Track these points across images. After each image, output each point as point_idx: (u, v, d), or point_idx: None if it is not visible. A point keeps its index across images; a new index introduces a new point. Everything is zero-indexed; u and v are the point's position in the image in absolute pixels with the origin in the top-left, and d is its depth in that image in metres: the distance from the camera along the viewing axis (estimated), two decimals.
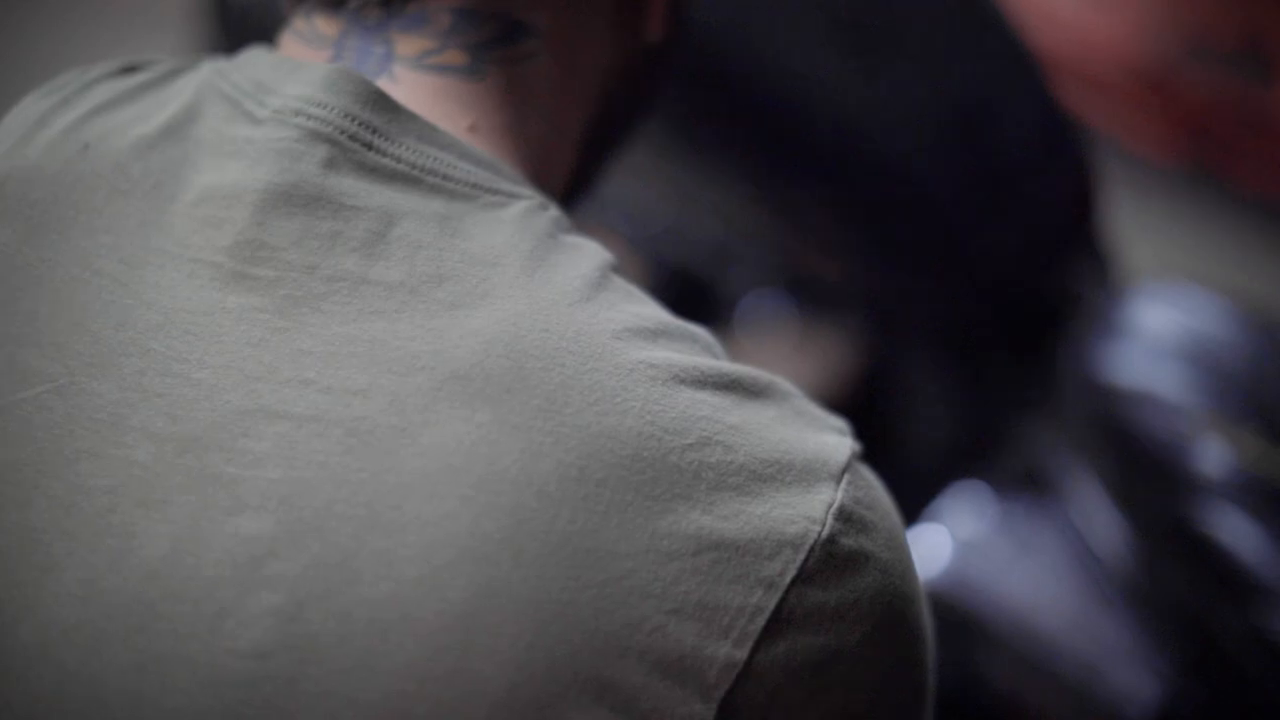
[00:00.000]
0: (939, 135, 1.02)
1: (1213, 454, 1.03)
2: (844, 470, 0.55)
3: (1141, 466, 1.04)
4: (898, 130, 1.02)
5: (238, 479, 0.51)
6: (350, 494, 0.51)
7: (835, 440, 0.56)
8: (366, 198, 0.56)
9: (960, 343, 1.19)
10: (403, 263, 0.55)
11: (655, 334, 0.55)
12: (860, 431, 0.60)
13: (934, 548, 1.21)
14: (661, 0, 0.66)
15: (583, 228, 0.61)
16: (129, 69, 0.63)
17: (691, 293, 1.35)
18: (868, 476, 0.57)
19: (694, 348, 0.56)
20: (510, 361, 0.52)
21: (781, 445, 0.54)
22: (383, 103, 0.57)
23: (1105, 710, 1.12)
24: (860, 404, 1.23)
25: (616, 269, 0.58)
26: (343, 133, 0.57)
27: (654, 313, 0.57)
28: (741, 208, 1.16)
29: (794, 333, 1.31)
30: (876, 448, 1.20)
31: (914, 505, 1.38)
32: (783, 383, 0.57)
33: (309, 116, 0.57)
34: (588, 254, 0.57)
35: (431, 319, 0.54)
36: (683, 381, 0.54)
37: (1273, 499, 1.00)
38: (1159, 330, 1.09)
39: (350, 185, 0.56)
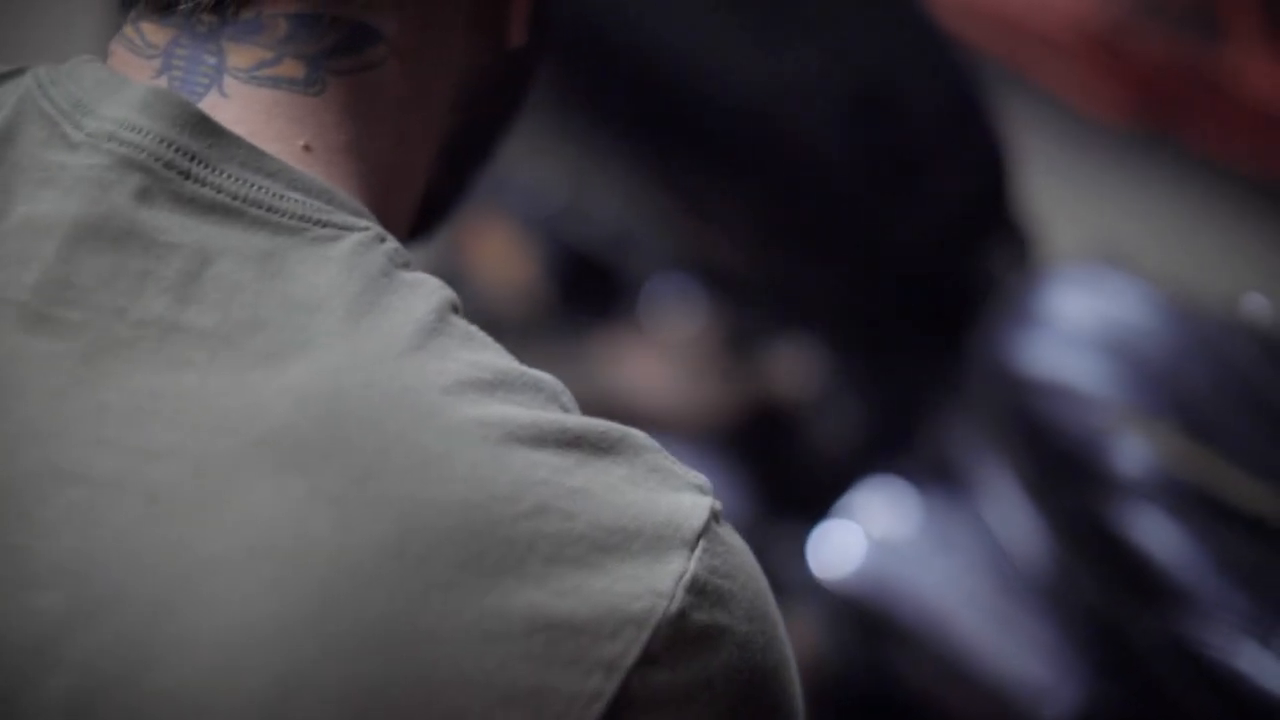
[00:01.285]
0: (842, 114, 1.00)
1: (1130, 451, 1.02)
2: (699, 535, 0.50)
3: (1057, 463, 1.03)
4: (799, 109, 1.00)
5: (30, 550, 0.47)
6: (147, 570, 0.47)
7: (691, 501, 0.51)
8: (181, 233, 0.51)
9: (869, 330, 1.17)
10: (217, 307, 0.50)
11: (492, 386, 0.50)
12: (768, 425, 0.56)
13: (846, 545, 1.19)
14: (523, 4, 0.61)
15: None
16: None
17: (592, 276, 1.33)
18: (728, 540, 0.52)
19: (537, 399, 0.51)
20: (327, 423, 0.48)
21: (629, 510, 0.49)
22: (204, 126, 0.52)
23: (1021, 711, 1.12)
24: (768, 394, 1.21)
25: (457, 308, 0.53)
26: (158, 160, 0.52)
27: (494, 360, 0.52)
28: (642, 189, 1.13)
29: (698, 319, 1.28)
30: (786, 441, 1.19)
31: (825, 500, 1.36)
32: (637, 436, 0.52)
33: (121, 142, 0.52)
34: (424, 294, 0.52)
35: (245, 372, 0.49)
36: (519, 440, 0.49)
37: (1191, 498, 0.99)
38: (1077, 318, 1.07)
39: (164, 219, 0.51)
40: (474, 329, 0.52)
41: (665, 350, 1.32)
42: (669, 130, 1.03)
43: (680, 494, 0.51)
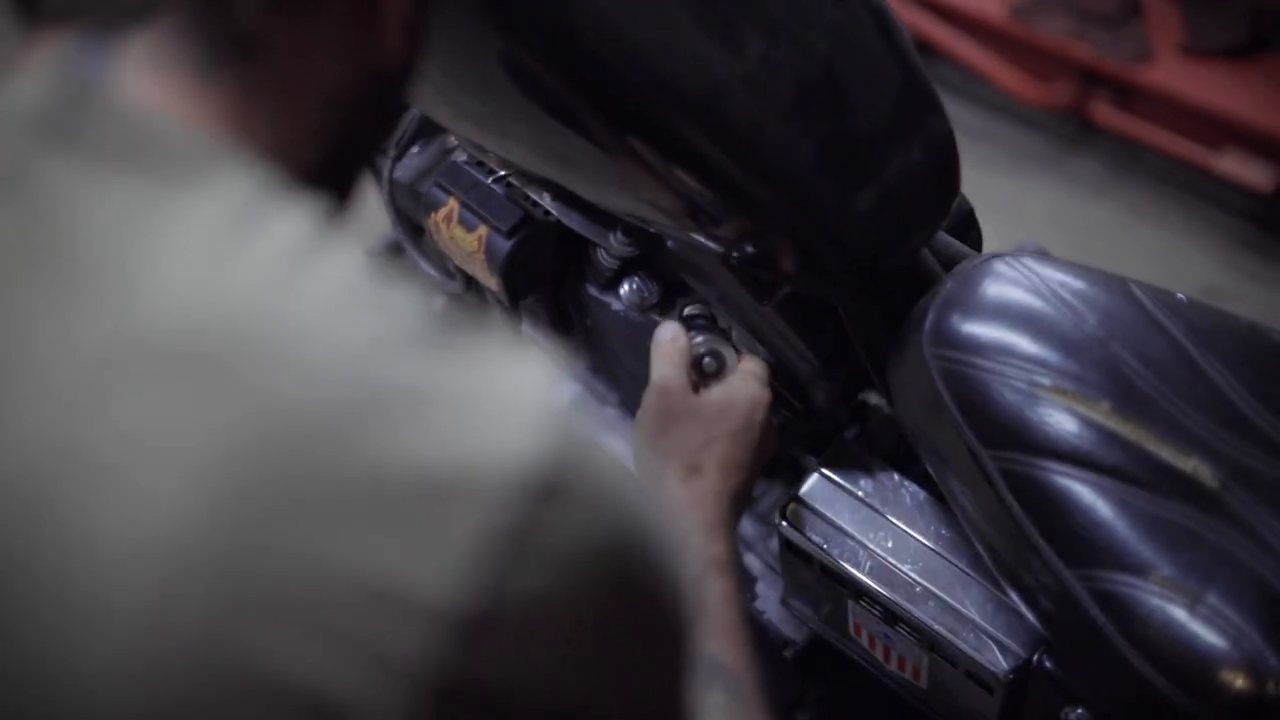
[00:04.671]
0: (790, 102, 1.01)
1: (1064, 421, 1.03)
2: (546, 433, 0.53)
3: (992, 431, 1.04)
4: (749, 98, 1.00)
5: None
6: (34, 469, 0.51)
7: (522, 435, 0.53)
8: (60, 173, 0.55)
9: (817, 312, 1.19)
10: (92, 233, 0.54)
11: (352, 303, 0.54)
12: None
13: (797, 513, 1.21)
14: (397, 15, 0.63)
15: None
16: None
17: (542, 262, 1.34)
18: (578, 435, 0.54)
19: (395, 317, 0.54)
20: (193, 338, 0.51)
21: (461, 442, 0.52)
22: (95, 90, 0.56)
23: (965, 668, 1.15)
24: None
25: (328, 233, 0.55)
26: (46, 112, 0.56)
27: (354, 279, 0.54)
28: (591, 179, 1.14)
29: (652, 303, 1.30)
30: None
31: (782, 472, 1.39)
32: (488, 338, 0.55)
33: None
34: (295, 218, 0.55)
35: (116, 293, 0.53)
36: (370, 359, 0.52)
37: (1122, 465, 1.01)
38: (1008, 298, 1.10)
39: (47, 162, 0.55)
40: (348, 248, 0.55)
41: (618, 339, 1.33)
42: (620, 119, 1.03)
43: (516, 426, 0.53)
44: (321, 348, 0.52)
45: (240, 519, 0.50)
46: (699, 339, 1.22)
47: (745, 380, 1.16)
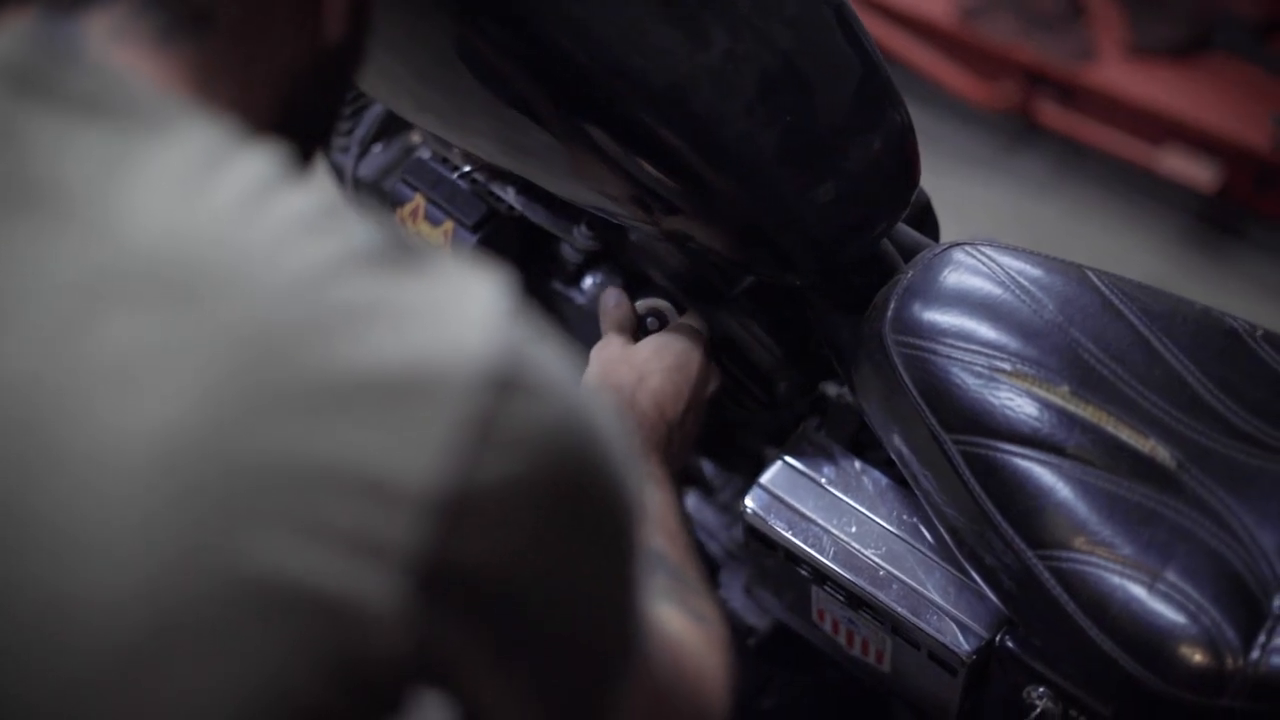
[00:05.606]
0: (756, 94, 1.02)
1: (1025, 404, 1.05)
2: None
3: (953, 416, 1.06)
4: (714, 90, 1.01)
5: None
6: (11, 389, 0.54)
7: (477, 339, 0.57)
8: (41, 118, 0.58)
9: (779, 303, 1.20)
10: (76, 172, 0.57)
11: (310, 229, 0.57)
12: None
13: (762, 500, 1.22)
14: (340, 1, 0.68)
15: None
16: None
17: (507, 256, 1.35)
18: (528, 332, 0.59)
19: (350, 240, 0.58)
20: (166, 265, 0.55)
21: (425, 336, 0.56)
22: (67, 48, 0.60)
23: (928, 650, 1.17)
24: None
25: (293, 172, 0.60)
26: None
27: (312, 204, 0.59)
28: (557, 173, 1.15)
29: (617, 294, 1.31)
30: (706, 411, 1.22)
31: (744, 463, 1.40)
32: (431, 255, 0.60)
33: None
34: (257, 159, 0.59)
35: (96, 227, 0.56)
36: (330, 277, 0.56)
37: (1082, 446, 1.03)
38: (967, 285, 1.11)
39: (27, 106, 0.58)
40: (303, 187, 0.59)
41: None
42: (585, 111, 1.03)
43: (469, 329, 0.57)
44: (278, 270, 0.56)
45: (225, 425, 0.53)
46: (641, 301, 1.25)
47: (681, 328, 1.23)
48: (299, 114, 0.69)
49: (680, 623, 0.82)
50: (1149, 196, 2.74)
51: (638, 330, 1.25)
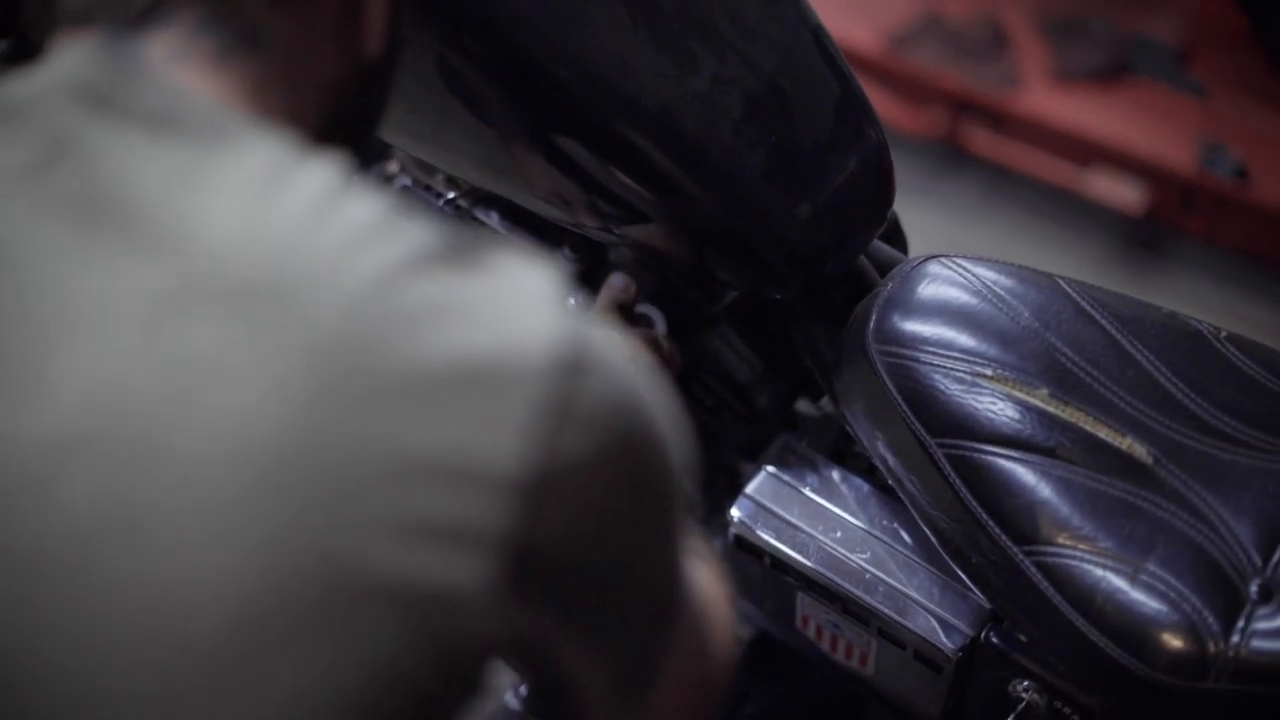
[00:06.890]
0: (742, 115, 1.05)
1: (1004, 407, 1.09)
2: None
3: (936, 423, 1.10)
4: (703, 112, 1.04)
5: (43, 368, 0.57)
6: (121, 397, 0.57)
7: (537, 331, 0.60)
8: (115, 137, 0.61)
9: (760, 318, 1.23)
10: (158, 188, 0.60)
11: (377, 234, 0.60)
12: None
13: (747, 509, 1.26)
14: (378, 19, 0.71)
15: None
16: None
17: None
18: (583, 318, 0.63)
19: (414, 242, 0.61)
20: (246, 274, 0.58)
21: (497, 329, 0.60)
22: (133, 67, 0.63)
23: (914, 649, 1.20)
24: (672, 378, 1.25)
25: (354, 179, 0.63)
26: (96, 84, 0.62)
27: (375, 210, 0.62)
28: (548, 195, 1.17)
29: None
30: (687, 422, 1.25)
31: (726, 477, 1.43)
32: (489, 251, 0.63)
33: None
34: (321, 169, 0.62)
35: (174, 238, 0.59)
36: (401, 278, 0.59)
37: (1063, 445, 1.07)
38: (946, 295, 1.15)
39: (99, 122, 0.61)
40: (365, 195, 0.62)
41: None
42: (575, 133, 1.06)
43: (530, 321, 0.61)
44: (352, 274, 0.59)
45: (317, 422, 0.56)
46: (643, 305, 1.27)
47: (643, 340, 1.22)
48: (343, 126, 0.72)
49: (703, 569, 0.85)
50: (1078, 219, 2.80)
51: (631, 320, 1.24)
